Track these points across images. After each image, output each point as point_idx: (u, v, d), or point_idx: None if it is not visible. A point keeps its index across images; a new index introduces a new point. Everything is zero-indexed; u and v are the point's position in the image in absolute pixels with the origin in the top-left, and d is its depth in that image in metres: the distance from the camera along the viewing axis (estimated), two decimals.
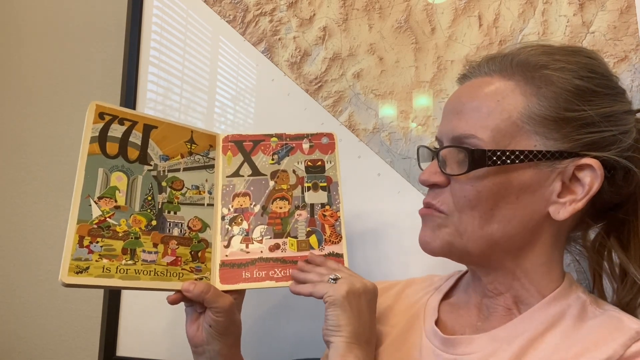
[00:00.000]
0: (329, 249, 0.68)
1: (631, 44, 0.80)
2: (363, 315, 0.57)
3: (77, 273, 0.56)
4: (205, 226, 0.68)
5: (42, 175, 1.18)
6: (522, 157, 0.50)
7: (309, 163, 0.73)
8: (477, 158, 0.51)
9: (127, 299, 1.02)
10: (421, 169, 0.59)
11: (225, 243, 0.68)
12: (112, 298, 1.02)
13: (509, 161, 0.50)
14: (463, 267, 0.65)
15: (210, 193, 0.70)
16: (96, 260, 0.58)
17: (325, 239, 0.68)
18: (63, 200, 1.16)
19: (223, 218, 0.70)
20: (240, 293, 0.68)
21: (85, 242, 0.58)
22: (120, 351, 1.01)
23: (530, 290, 0.54)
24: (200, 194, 0.69)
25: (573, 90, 0.51)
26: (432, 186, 0.57)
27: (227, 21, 1.05)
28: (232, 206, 0.70)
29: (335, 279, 0.58)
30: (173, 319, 0.98)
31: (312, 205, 0.70)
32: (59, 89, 1.20)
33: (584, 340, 0.49)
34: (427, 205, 0.57)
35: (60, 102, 1.19)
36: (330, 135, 0.74)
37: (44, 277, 1.15)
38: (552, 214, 0.51)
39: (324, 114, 0.96)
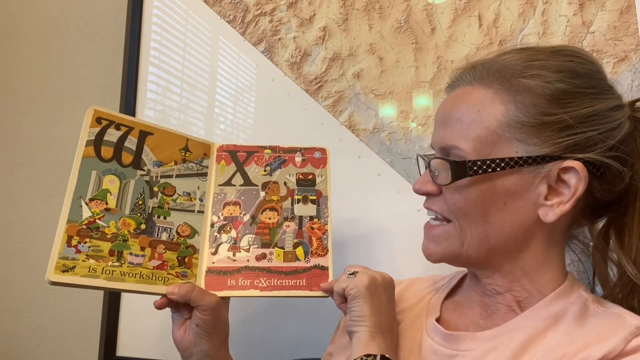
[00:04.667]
0: (314, 261, 0.68)
1: (631, 44, 0.80)
2: (384, 306, 0.59)
3: (63, 272, 0.58)
4: (194, 232, 0.69)
5: (42, 176, 1.18)
6: (502, 164, 0.51)
7: (300, 176, 0.74)
8: (459, 169, 0.52)
9: (127, 299, 1.02)
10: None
11: (213, 250, 0.69)
12: (112, 298, 1.02)
13: (489, 170, 0.51)
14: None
15: (201, 200, 0.71)
16: (83, 260, 0.59)
17: (311, 251, 0.69)
18: (62, 200, 1.16)
19: (212, 225, 0.70)
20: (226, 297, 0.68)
21: (74, 242, 0.59)
22: (120, 351, 1.01)
23: (531, 290, 0.55)
24: (191, 200, 0.70)
25: (550, 94, 0.51)
26: (426, 194, 0.59)
27: (227, 21, 1.05)
28: (222, 214, 0.71)
29: (353, 273, 0.60)
30: None
31: (300, 218, 0.71)
32: (58, 89, 1.20)
33: (586, 336, 0.49)
34: (428, 209, 0.59)
35: (60, 102, 1.19)
36: (322, 150, 0.76)
37: (44, 277, 1.15)
38: (541, 216, 0.52)
39: (324, 114, 0.96)
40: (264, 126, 1.00)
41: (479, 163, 0.52)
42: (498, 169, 0.51)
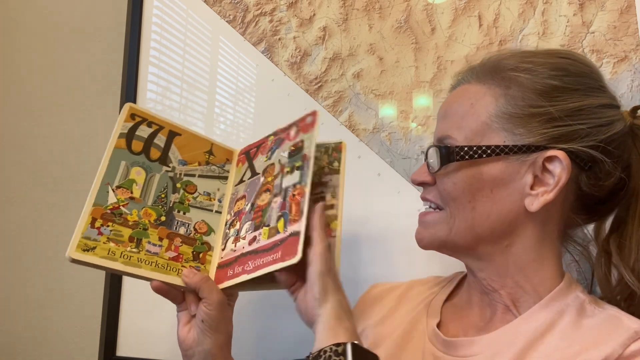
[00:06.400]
0: (291, 228, 0.60)
1: (631, 44, 0.80)
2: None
3: (84, 251, 0.60)
4: (210, 230, 0.71)
5: (42, 175, 1.18)
6: (488, 151, 0.54)
7: (292, 148, 0.68)
8: (448, 154, 0.56)
9: (127, 299, 1.02)
10: None
11: (223, 246, 0.69)
12: (112, 298, 1.02)
13: (475, 156, 0.54)
14: (464, 267, 0.65)
15: (220, 201, 0.74)
16: (104, 242, 0.62)
17: (290, 219, 0.61)
18: (63, 201, 1.16)
19: (226, 224, 0.71)
20: (233, 293, 0.68)
21: (97, 224, 0.62)
22: (120, 351, 1.01)
23: (525, 288, 0.55)
24: (210, 200, 0.73)
25: (540, 89, 0.54)
26: (423, 184, 0.61)
27: (227, 21, 1.05)
28: (233, 211, 0.71)
29: None
30: (173, 320, 0.97)
31: (286, 190, 0.64)
32: (59, 89, 1.20)
33: (583, 339, 0.49)
34: (424, 199, 0.62)
35: (60, 102, 1.19)
36: (313, 114, 0.68)
37: (44, 277, 1.15)
38: (526, 205, 0.53)
39: (324, 114, 0.96)
40: (264, 126, 1.00)
41: (465, 149, 0.55)
42: (484, 156, 0.54)
